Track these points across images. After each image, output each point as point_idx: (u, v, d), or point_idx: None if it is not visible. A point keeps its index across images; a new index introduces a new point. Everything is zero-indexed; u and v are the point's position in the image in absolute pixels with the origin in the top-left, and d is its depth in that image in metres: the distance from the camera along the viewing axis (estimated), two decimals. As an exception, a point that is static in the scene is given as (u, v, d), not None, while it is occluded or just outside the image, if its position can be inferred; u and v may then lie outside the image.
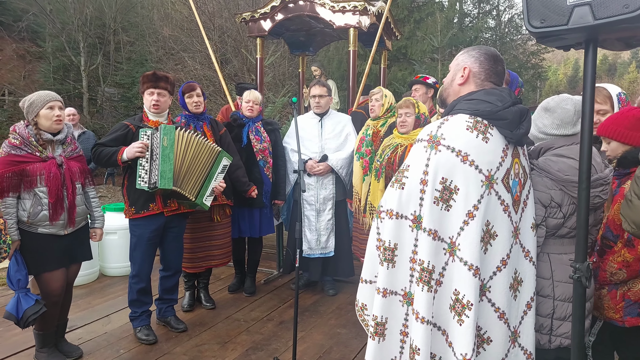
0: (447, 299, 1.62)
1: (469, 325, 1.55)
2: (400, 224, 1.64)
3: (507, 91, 1.70)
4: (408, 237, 1.64)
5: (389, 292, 1.68)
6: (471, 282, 1.56)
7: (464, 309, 1.56)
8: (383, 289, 1.68)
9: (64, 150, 2.81)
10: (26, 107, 2.71)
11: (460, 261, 1.57)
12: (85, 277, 4.32)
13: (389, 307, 1.69)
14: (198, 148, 3.15)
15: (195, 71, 12.33)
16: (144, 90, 3.15)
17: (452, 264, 1.60)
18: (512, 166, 1.68)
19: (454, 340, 1.60)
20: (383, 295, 1.68)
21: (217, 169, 3.24)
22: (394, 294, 1.69)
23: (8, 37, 17.90)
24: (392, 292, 1.69)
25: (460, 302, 1.57)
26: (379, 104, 3.74)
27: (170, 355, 3.01)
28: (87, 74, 17.24)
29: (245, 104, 3.88)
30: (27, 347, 3.02)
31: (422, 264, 1.59)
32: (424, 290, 1.58)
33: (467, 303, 1.55)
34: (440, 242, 1.60)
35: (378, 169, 3.30)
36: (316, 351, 3.11)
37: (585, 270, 1.49)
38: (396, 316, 1.70)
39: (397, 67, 12.19)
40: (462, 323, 1.56)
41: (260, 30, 5.67)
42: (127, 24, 18.70)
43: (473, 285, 1.55)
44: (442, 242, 1.60)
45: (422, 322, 1.58)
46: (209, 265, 3.73)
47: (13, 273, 2.63)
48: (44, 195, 2.67)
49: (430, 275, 1.58)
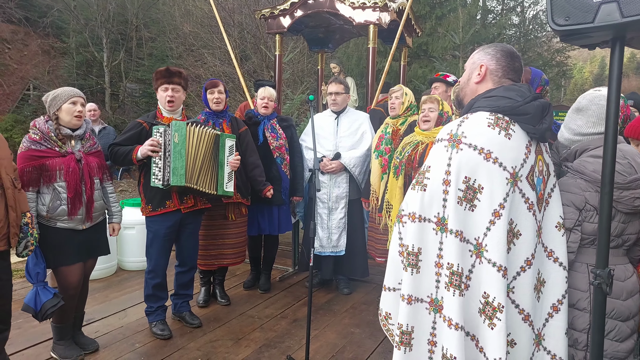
0: (476, 303, 1.56)
1: (501, 329, 1.49)
2: (424, 227, 1.59)
3: (527, 87, 1.65)
4: (432, 241, 1.58)
5: (414, 299, 1.62)
6: (500, 283, 1.50)
7: (495, 312, 1.50)
8: (408, 295, 1.62)
9: (82, 146, 2.84)
10: (49, 100, 2.75)
11: (488, 262, 1.52)
12: (104, 271, 4.39)
13: (415, 315, 1.63)
14: (206, 140, 3.14)
15: (215, 67, 12.42)
16: (157, 86, 3.15)
17: (480, 266, 1.54)
18: (536, 163, 1.62)
19: (486, 344, 1.54)
20: (408, 302, 1.62)
21: (225, 153, 3.22)
22: (419, 301, 1.63)
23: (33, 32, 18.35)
24: (418, 299, 1.63)
25: (490, 305, 1.51)
26: (399, 102, 3.68)
27: (184, 350, 3.03)
28: (109, 69, 17.54)
29: (260, 100, 3.87)
30: (45, 339, 3.08)
31: (452, 268, 1.53)
32: (456, 294, 1.52)
33: (498, 306, 1.50)
34: (466, 243, 1.54)
35: (397, 166, 3.25)
36: (329, 350, 3.09)
37: (606, 277, 1.44)
38: (423, 325, 1.63)
39: (418, 64, 12.05)
40: (494, 327, 1.50)
41: (279, 27, 5.65)
42: (149, 20, 18.95)
43: (502, 286, 1.50)
44: (468, 243, 1.55)
45: (457, 328, 1.51)
46: (221, 264, 3.72)
47: (32, 266, 2.67)
48: (62, 190, 2.70)
49: (460, 279, 1.52)
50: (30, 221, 2.52)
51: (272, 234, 4.01)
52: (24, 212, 2.50)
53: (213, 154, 3.18)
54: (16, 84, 17.28)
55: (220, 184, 3.17)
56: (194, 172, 3.06)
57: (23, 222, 2.48)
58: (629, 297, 1.79)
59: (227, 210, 3.58)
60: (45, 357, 2.90)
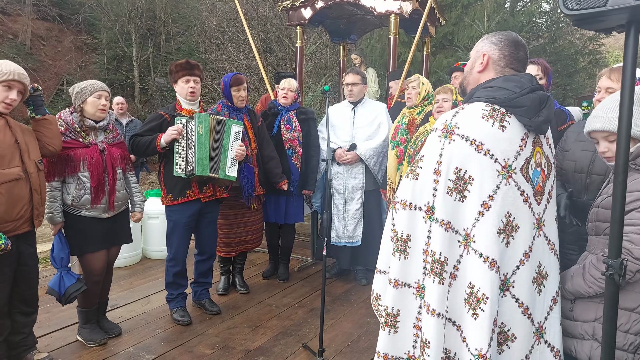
0: (462, 293, 1.57)
1: (485, 319, 1.50)
2: (414, 215, 1.61)
3: (528, 77, 1.62)
4: (421, 229, 1.60)
5: (401, 284, 1.65)
6: (487, 275, 1.51)
7: (479, 302, 1.51)
8: (394, 279, 1.65)
9: (105, 137, 2.93)
10: (75, 92, 2.85)
11: (475, 253, 1.53)
12: (129, 259, 4.53)
13: (402, 299, 1.66)
14: (215, 126, 3.17)
15: (239, 61, 12.52)
16: (177, 78, 3.21)
17: (467, 256, 1.55)
18: (533, 155, 1.60)
19: (468, 335, 1.55)
20: (394, 286, 1.65)
21: (230, 138, 3.23)
22: (406, 285, 1.65)
23: (67, 29, 18.91)
24: (405, 284, 1.65)
25: (475, 295, 1.52)
26: (415, 92, 3.65)
27: (203, 336, 3.12)
28: (138, 64, 17.93)
29: (281, 91, 3.91)
30: (72, 324, 3.21)
31: (434, 256, 1.55)
32: (435, 282, 1.54)
33: (482, 296, 1.50)
34: (454, 233, 1.55)
35: (411, 155, 3.23)
36: (344, 339, 3.12)
37: (619, 267, 1.40)
38: (409, 309, 1.66)
39: (443, 55, 11.82)
40: (477, 317, 1.51)
41: (300, 19, 5.66)
42: (177, 15, 19.23)
43: (489, 278, 1.50)
44: (457, 234, 1.56)
45: (433, 314, 1.54)
46: (244, 248, 3.82)
47: (57, 252, 2.80)
48: (86, 179, 2.80)
49: (442, 267, 1.54)
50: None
51: (278, 222, 4.05)
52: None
53: (218, 138, 3.21)
54: (51, 79, 17.87)
55: (222, 167, 3.18)
56: (214, 162, 3.13)
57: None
58: None
59: (252, 200, 3.67)
60: (71, 339, 3.03)
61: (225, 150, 3.23)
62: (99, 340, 2.97)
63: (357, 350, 2.98)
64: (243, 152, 3.31)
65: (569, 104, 12.96)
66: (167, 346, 2.98)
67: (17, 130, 2.44)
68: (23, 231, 2.44)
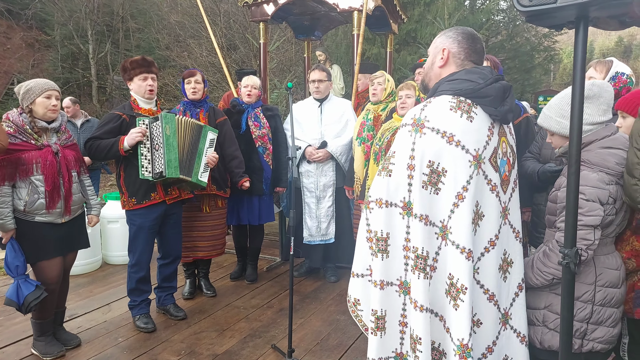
0: (443, 284, 1.59)
1: (465, 309, 1.52)
2: (391, 213, 1.60)
3: (489, 69, 1.65)
4: (399, 225, 1.60)
5: (386, 284, 1.64)
6: (464, 265, 1.52)
7: (458, 293, 1.53)
8: (380, 280, 1.63)
9: (58, 139, 2.78)
10: (22, 93, 2.68)
11: (452, 244, 1.54)
12: (88, 266, 4.35)
13: (387, 299, 1.65)
14: (190, 130, 3.11)
15: (202, 58, 12.28)
16: (133, 75, 3.06)
17: (445, 248, 1.56)
18: (500, 145, 1.63)
19: (451, 325, 1.57)
20: (381, 287, 1.63)
21: (205, 144, 3.20)
22: (390, 284, 1.64)
23: (16, 25, 18.00)
24: (389, 283, 1.64)
25: (454, 286, 1.54)
26: (381, 88, 3.65)
27: (168, 343, 3.01)
28: (95, 62, 17.29)
29: (244, 88, 3.83)
30: (26, 337, 3.04)
31: (417, 251, 1.55)
32: (420, 277, 1.55)
33: (461, 287, 1.52)
34: (431, 226, 1.56)
35: (377, 152, 3.23)
36: (314, 337, 3.08)
37: (574, 256, 1.43)
38: (394, 307, 1.66)
39: (407, 52, 11.97)
40: (458, 307, 1.53)
41: (263, 15, 5.56)
42: (136, 11, 18.67)
43: (467, 268, 1.52)
44: (434, 226, 1.56)
45: (422, 310, 1.54)
46: (196, 256, 3.66)
47: (11, 260, 2.63)
48: (40, 183, 2.65)
49: (425, 262, 1.55)
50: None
51: (252, 223, 3.97)
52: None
53: (195, 141, 3.15)
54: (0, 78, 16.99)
55: (195, 172, 3.13)
56: (184, 163, 3.04)
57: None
58: (622, 284, 1.82)
59: (201, 203, 3.53)
60: (26, 354, 2.87)
61: (200, 155, 3.16)
62: (56, 352, 2.82)
63: (326, 348, 2.95)
64: (215, 160, 3.25)
65: (527, 99, 13.39)
66: (130, 355, 2.86)
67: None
68: None
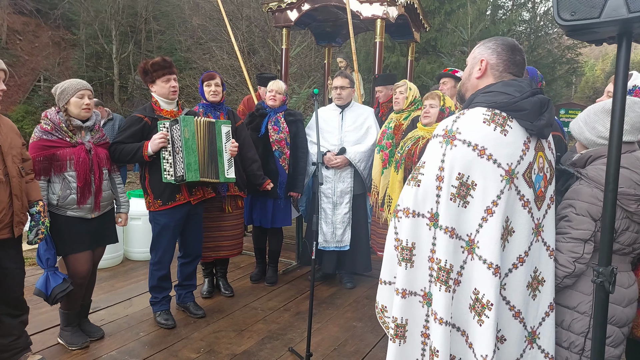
0: (467, 299, 1.58)
1: (490, 326, 1.50)
2: (418, 223, 1.60)
3: (527, 81, 1.62)
4: (426, 236, 1.60)
5: (409, 293, 1.64)
6: (491, 281, 1.51)
7: (483, 309, 1.52)
8: (402, 289, 1.64)
9: (92, 137, 2.87)
10: (58, 94, 2.78)
11: (479, 259, 1.53)
12: (110, 261, 4.44)
13: (409, 308, 1.65)
14: (205, 129, 3.14)
15: (223, 61, 12.43)
16: (156, 78, 3.08)
17: (471, 262, 1.55)
18: (536, 160, 1.61)
19: (474, 341, 1.55)
20: (402, 296, 1.64)
21: (222, 140, 3.23)
22: (413, 294, 1.64)
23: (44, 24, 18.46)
24: (412, 293, 1.64)
25: (480, 301, 1.53)
26: (403, 97, 3.68)
27: (187, 340, 3.07)
28: (118, 61, 17.62)
29: (269, 93, 3.89)
30: (53, 326, 3.13)
31: (440, 263, 1.54)
32: (442, 290, 1.54)
33: (487, 303, 1.51)
34: (458, 240, 1.55)
35: (398, 160, 3.26)
36: (331, 343, 3.11)
37: (609, 275, 1.43)
38: (416, 318, 1.66)
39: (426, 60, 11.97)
40: (482, 323, 1.52)
41: (287, 21, 5.66)
42: (158, 13, 18.98)
43: (493, 284, 1.51)
44: (460, 240, 1.55)
45: (441, 323, 1.54)
46: (218, 255, 3.73)
47: (42, 252, 2.73)
48: (72, 179, 2.74)
49: (447, 275, 1.54)
50: (43, 210, 2.56)
51: (264, 226, 4.01)
52: (36, 201, 2.54)
53: (212, 142, 3.18)
54: (27, 75, 17.40)
55: (221, 171, 3.18)
56: (205, 165, 3.10)
57: (35, 211, 2.52)
58: (628, 305, 1.79)
59: (223, 203, 3.60)
60: (52, 342, 2.96)
61: (221, 153, 3.20)
62: (81, 343, 2.90)
63: (344, 354, 2.98)
64: (235, 148, 3.30)
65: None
66: (151, 350, 2.93)
67: (0, 130, 2.37)
68: (2, 237, 2.35)
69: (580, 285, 1.76)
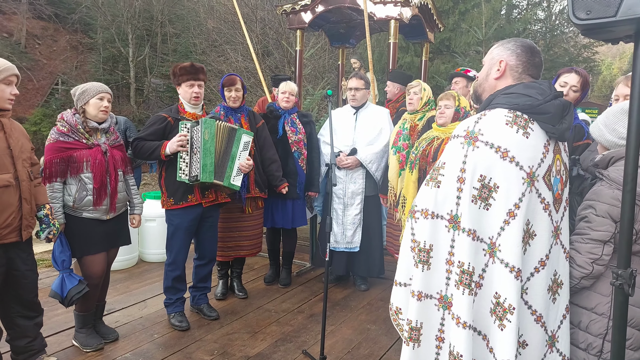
0: (488, 303, 1.54)
1: (511, 330, 1.48)
2: (436, 224, 1.58)
3: (547, 84, 1.60)
4: (444, 238, 1.57)
5: (425, 296, 1.62)
6: (512, 284, 1.48)
7: (505, 313, 1.49)
8: (418, 292, 1.61)
9: (107, 139, 2.90)
10: (78, 94, 2.81)
11: (501, 263, 1.50)
12: (125, 262, 4.49)
13: (425, 311, 1.62)
14: (227, 134, 3.18)
15: (237, 63, 12.52)
16: (181, 82, 3.17)
17: (493, 265, 1.52)
18: (554, 163, 1.59)
19: (495, 345, 1.53)
20: (418, 298, 1.61)
21: (239, 148, 3.24)
22: (429, 297, 1.62)
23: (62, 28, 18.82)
24: (428, 296, 1.62)
25: (501, 305, 1.50)
26: (417, 98, 3.64)
27: (201, 342, 3.08)
28: (134, 65, 17.88)
29: (282, 94, 3.89)
30: (68, 328, 3.17)
31: (462, 266, 1.51)
32: (465, 293, 1.51)
33: (508, 307, 1.48)
34: (479, 242, 1.53)
35: (412, 161, 3.24)
36: (345, 346, 3.10)
37: (628, 277, 1.40)
38: (431, 321, 1.63)
39: (440, 60, 11.89)
40: (504, 328, 1.49)
41: (301, 22, 5.66)
42: (174, 17, 19.22)
43: (515, 288, 1.48)
44: (482, 242, 1.53)
45: (464, 327, 1.50)
46: (238, 254, 3.77)
47: (58, 254, 2.76)
48: (89, 181, 2.76)
49: (471, 278, 1.51)
50: (50, 212, 2.58)
51: (285, 227, 4.01)
52: (43, 204, 2.56)
53: (228, 146, 3.21)
54: (45, 78, 17.75)
55: (227, 175, 3.19)
56: (218, 168, 3.12)
57: (42, 214, 2.54)
58: None
59: (244, 205, 3.62)
60: (67, 344, 2.99)
61: (233, 159, 3.22)
62: (96, 345, 2.92)
63: (358, 357, 2.96)
64: (249, 166, 3.30)
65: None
66: (165, 352, 2.94)
67: (12, 134, 2.39)
68: (10, 241, 2.37)
69: (598, 286, 1.73)
